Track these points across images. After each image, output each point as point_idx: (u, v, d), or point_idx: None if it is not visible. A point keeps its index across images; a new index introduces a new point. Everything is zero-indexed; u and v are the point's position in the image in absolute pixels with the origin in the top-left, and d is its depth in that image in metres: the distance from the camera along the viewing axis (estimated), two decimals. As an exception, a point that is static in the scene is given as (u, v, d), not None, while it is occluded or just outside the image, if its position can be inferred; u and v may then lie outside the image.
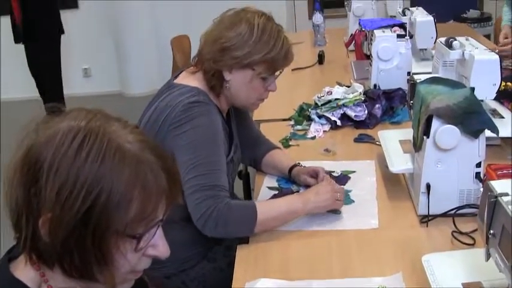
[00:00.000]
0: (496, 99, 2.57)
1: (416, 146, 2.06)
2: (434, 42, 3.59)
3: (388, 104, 2.97)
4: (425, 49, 3.69)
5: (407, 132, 2.43)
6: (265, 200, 2.19)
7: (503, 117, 2.54)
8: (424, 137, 1.96)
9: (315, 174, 2.26)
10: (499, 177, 2.15)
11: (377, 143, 2.62)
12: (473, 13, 6.57)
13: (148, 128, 2.05)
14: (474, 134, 1.93)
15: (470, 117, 1.92)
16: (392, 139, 2.43)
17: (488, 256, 1.34)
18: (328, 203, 2.05)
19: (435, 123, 1.93)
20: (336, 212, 2.08)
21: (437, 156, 1.96)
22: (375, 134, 2.71)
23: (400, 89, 3.06)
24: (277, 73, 2.17)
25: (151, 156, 1.09)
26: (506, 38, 3.83)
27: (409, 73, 3.14)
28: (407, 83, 3.09)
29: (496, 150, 2.43)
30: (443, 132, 1.92)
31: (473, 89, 2.03)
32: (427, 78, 2.20)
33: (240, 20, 2.08)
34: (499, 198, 1.26)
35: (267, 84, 2.15)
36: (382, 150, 2.41)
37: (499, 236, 1.24)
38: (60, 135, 1.05)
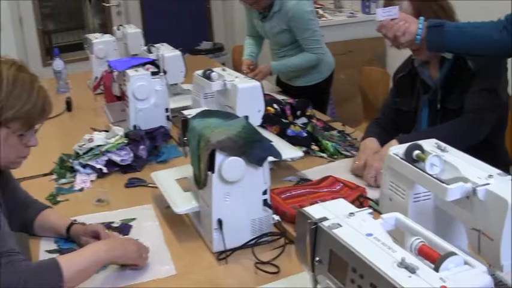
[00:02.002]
0: (259, 124, 2.60)
1: (200, 183, 2.01)
2: (184, 77, 3.62)
3: (152, 144, 2.89)
4: (176, 84, 3.68)
5: (180, 170, 2.39)
6: (68, 254, 1.97)
7: (271, 141, 2.57)
8: (209, 173, 1.91)
9: (95, 234, 2.10)
10: (285, 200, 2.18)
11: (149, 185, 2.53)
12: (206, 44, 6.76)
13: None
14: (258, 162, 1.93)
15: (252, 146, 1.92)
16: (168, 179, 2.36)
17: (315, 283, 1.31)
18: (134, 255, 1.91)
19: (219, 157, 1.88)
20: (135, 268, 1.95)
21: (225, 190, 1.92)
22: (144, 176, 2.63)
23: (161, 126, 3.01)
24: (36, 126, 1.98)
25: None
26: (248, 68, 3.98)
27: (166, 109, 3.10)
28: (167, 120, 3.09)
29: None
30: (228, 164, 1.89)
31: (247, 118, 2.04)
32: (198, 113, 2.17)
33: None
34: (319, 224, 1.23)
35: (25, 140, 1.94)
36: (157, 192, 2.34)
37: (328, 262, 1.21)
38: None
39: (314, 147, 2.78)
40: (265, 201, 1.99)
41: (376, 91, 4.20)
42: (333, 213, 1.27)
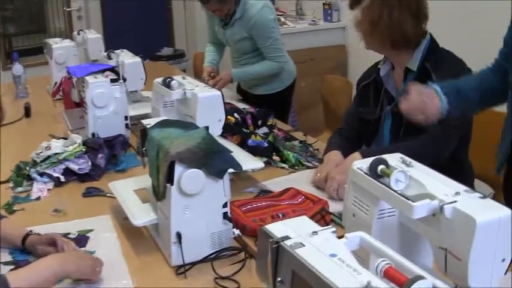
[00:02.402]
0: (219, 134, 2.55)
1: (159, 194, 1.95)
2: (144, 84, 3.56)
3: (110, 152, 2.83)
4: (136, 91, 3.62)
5: (139, 180, 2.33)
6: (18, 269, 1.89)
7: (231, 152, 2.53)
8: (168, 185, 1.86)
9: (52, 242, 2.03)
10: (245, 213, 2.13)
11: (107, 195, 2.47)
12: (167, 51, 6.72)
13: None
14: (218, 174, 1.88)
15: (213, 158, 1.87)
16: (126, 189, 2.30)
17: (277, 304, 1.26)
18: (89, 270, 1.83)
19: (178, 169, 1.83)
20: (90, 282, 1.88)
21: (184, 202, 1.87)
22: (102, 186, 2.57)
23: (120, 135, 2.94)
24: None
25: None
26: (209, 76, 3.93)
27: (126, 117, 3.04)
28: (126, 128, 3.02)
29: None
30: (188, 177, 1.84)
31: (207, 128, 1.99)
32: (157, 122, 2.11)
33: None
34: (281, 243, 1.19)
35: None
36: (115, 202, 2.27)
37: (290, 283, 1.17)
38: None
39: (275, 157, 2.75)
40: (225, 214, 1.94)
41: (338, 99, 4.19)
42: (295, 231, 1.22)
